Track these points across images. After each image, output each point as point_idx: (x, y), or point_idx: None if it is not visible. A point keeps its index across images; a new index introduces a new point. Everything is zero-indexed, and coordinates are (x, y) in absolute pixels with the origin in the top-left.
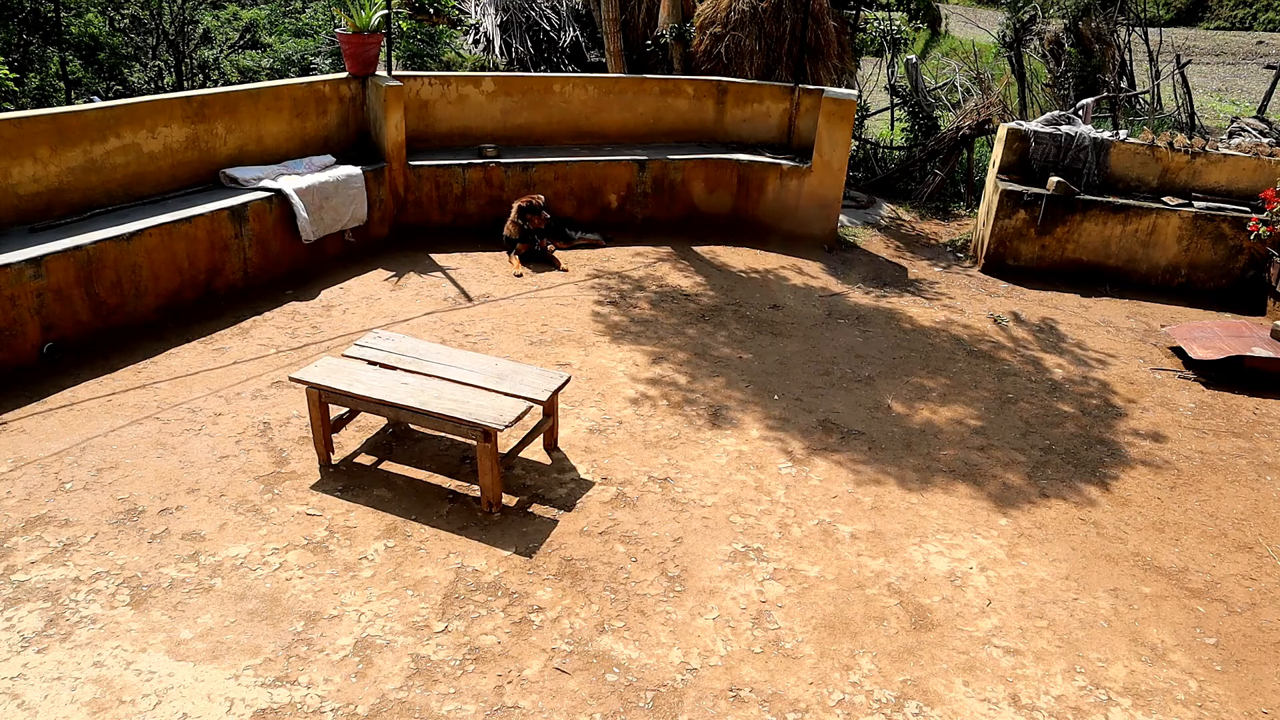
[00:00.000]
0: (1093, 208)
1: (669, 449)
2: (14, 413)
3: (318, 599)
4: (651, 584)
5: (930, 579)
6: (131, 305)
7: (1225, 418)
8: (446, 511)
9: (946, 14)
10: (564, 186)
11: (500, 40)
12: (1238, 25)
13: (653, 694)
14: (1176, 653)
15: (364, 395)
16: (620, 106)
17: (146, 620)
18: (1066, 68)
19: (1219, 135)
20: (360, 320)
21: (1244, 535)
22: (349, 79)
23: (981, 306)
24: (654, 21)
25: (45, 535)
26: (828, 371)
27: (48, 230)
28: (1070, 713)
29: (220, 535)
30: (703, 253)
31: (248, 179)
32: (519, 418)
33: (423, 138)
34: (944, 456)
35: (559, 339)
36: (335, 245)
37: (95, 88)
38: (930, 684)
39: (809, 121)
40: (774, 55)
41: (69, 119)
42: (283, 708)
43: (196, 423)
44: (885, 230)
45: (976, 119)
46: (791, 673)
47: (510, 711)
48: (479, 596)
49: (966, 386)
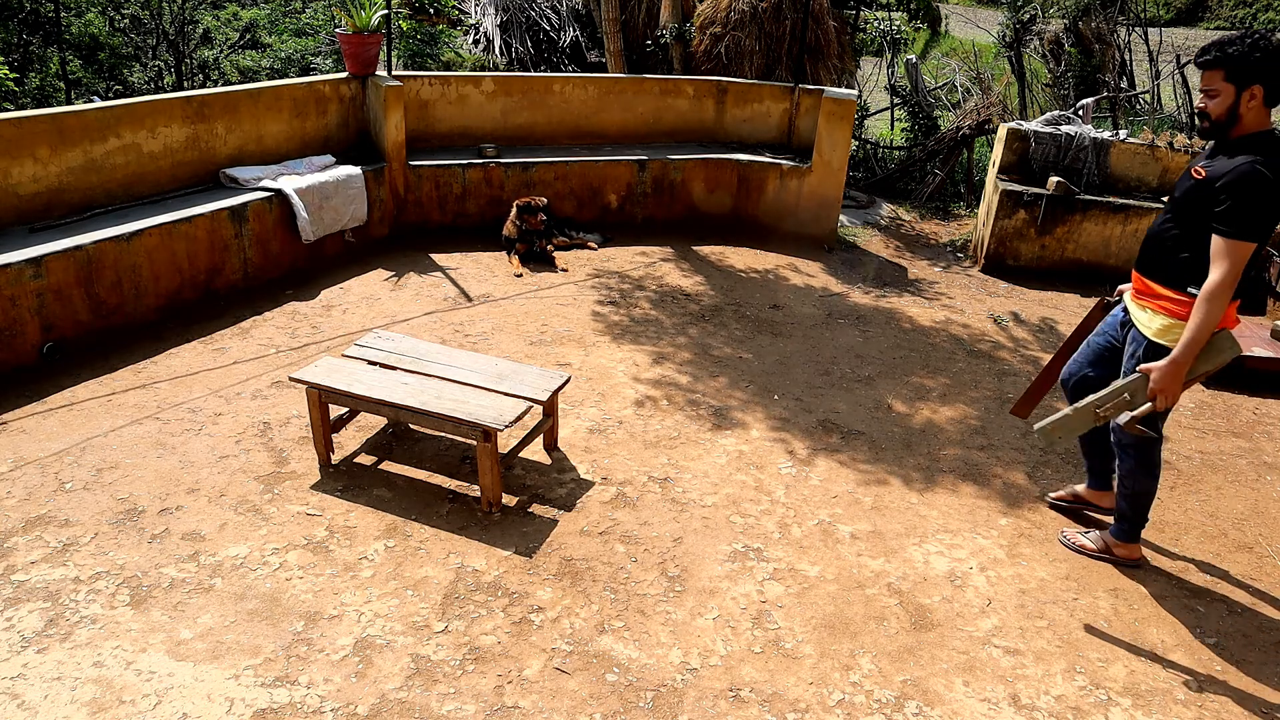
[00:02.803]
0: (1093, 208)
1: (669, 449)
2: (14, 413)
3: (318, 599)
4: (651, 584)
5: (930, 579)
6: (131, 305)
7: (1225, 418)
8: (446, 511)
9: (946, 14)
10: (564, 186)
11: (500, 40)
12: (1238, 25)
13: (653, 694)
14: (1176, 653)
15: (364, 395)
16: (620, 106)
17: (146, 620)
18: (1066, 68)
19: None
20: (360, 320)
21: (1244, 535)
22: (349, 79)
23: (981, 306)
24: (654, 21)
25: (45, 535)
26: (828, 371)
27: (48, 230)
28: (1070, 713)
29: (220, 535)
30: (703, 253)
31: (248, 179)
32: (519, 418)
33: (423, 138)
34: (944, 456)
35: (559, 339)
36: (335, 245)
37: (95, 88)
38: (930, 684)
39: (809, 121)
40: (774, 55)
41: (69, 119)
42: (283, 708)
43: (196, 423)
44: (885, 230)
45: (976, 119)
46: (791, 673)
47: (510, 711)
48: (479, 596)
49: (967, 386)
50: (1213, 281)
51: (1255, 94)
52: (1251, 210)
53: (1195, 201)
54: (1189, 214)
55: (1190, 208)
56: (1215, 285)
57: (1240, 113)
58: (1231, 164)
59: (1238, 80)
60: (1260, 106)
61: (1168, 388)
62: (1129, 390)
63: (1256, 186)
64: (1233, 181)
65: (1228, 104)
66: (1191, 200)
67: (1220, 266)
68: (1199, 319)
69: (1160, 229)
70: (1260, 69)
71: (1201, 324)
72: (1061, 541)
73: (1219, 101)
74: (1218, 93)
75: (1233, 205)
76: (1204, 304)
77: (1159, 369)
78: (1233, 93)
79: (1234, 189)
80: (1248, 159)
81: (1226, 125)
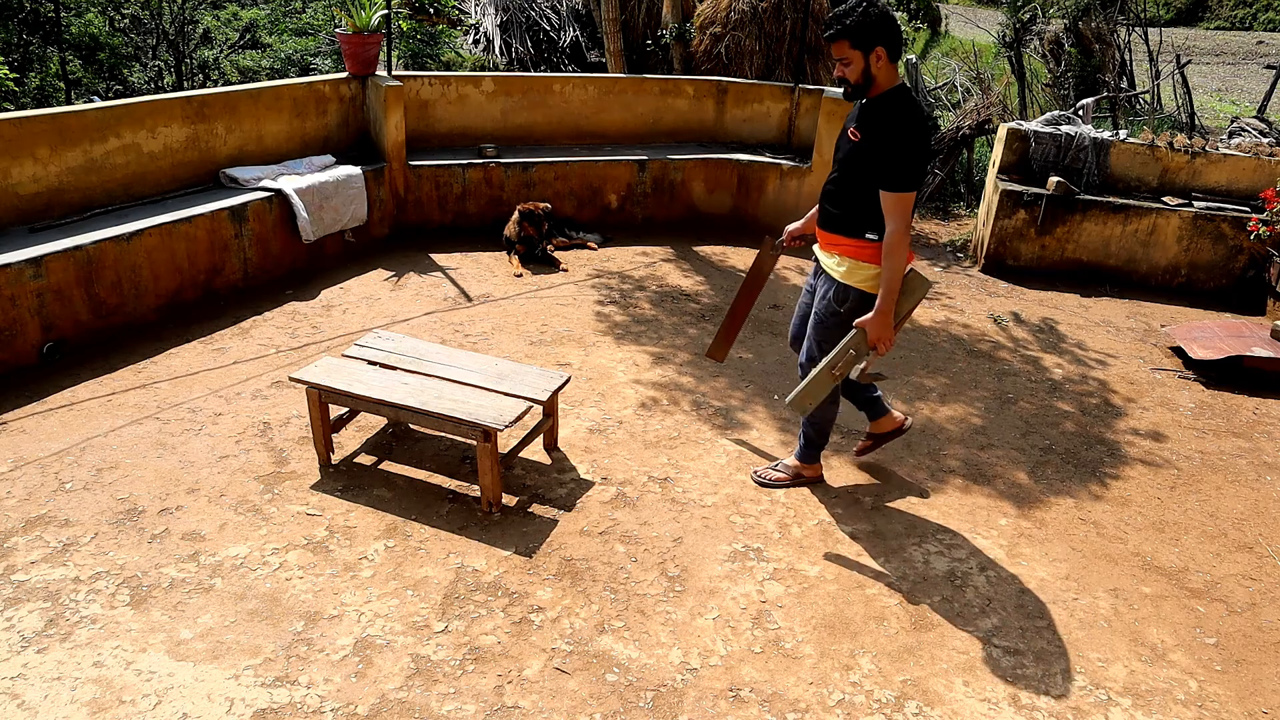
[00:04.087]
0: (1093, 208)
1: (669, 449)
2: (14, 413)
3: (318, 599)
4: (651, 584)
5: (930, 579)
6: (131, 305)
7: (1225, 418)
8: (446, 511)
9: (946, 14)
10: (564, 186)
11: (500, 40)
12: (1238, 25)
13: (653, 694)
14: (1176, 653)
15: (364, 395)
16: (620, 106)
17: (146, 620)
18: (1066, 68)
19: (1219, 135)
20: (360, 320)
21: (1244, 535)
22: (349, 79)
23: (981, 306)
24: (654, 21)
25: (45, 535)
26: None
27: (48, 230)
28: (1070, 713)
29: (220, 535)
30: (703, 253)
31: (248, 179)
32: (519, 418)
33: (423, 138)
34: (944, 456)
35: (559, 339)
36: (335, 245)
37: (95, 88)
38: (930, 684)
39: (809, 121)
40: (774, 55)
41: (69, 119)
42: (283, 708)
43: (196, 423)
44: None
45: (976, 119)
46: (791, 673)
47: (510, 711)
48: (479, 596)
49: (966, 386)
50: (891, 233)
51: (880, 54)
52: (907, 166)
53: (857, 161)
54: (853, 172)
55: (853, 167)
56: (893, 236)
57: (873, 74)
58: (881, 127)
59: (863, 45)
60: (887, 64)
61: (882, 334)
62: (852, 345)
63: (905, 144)
64: (886, 145)
65: (860, 68)
66: (854, 161)
67: (894, 219)
68: (889, 269)
69: (832, 188)
70: (878, 30)
71: (892, 273)
72: (754, 480)
73: (853, 68)
74: (849, 60)
75: (892, 165)
76: (889, 256)
77: (870, 321)
78: (861, 57)
79: (889, 151)
80: (892, 120)
81: (865, 87)
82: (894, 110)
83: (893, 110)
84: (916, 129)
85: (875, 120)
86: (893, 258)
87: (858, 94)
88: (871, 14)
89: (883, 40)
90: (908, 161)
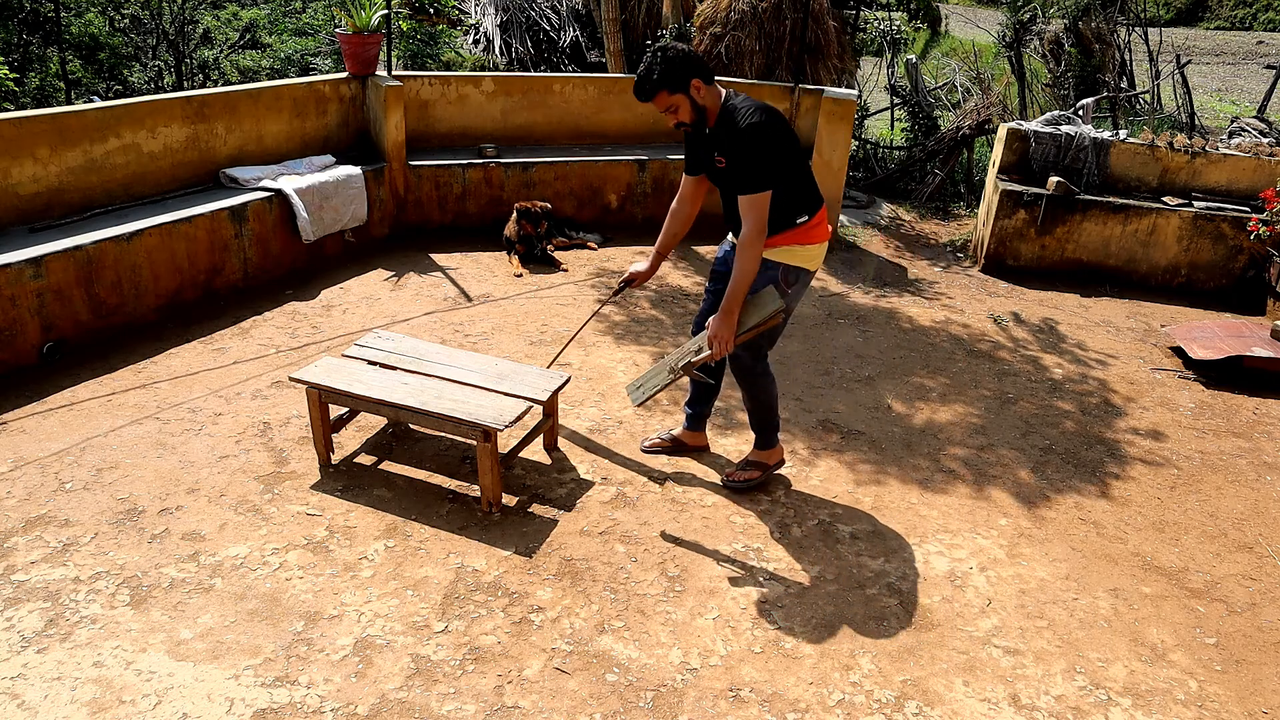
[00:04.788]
0: (1093, 208)
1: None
2: (14, 413)
3: (318, 599)
4: (651, 584)
5: (930, 579)
6: (131, 305)
7: (1225, 418)
8: (446, 511)
9: (946, 14)
10: (564, 186)
11: (500, 40)
12: (1238, 25)
13: (653, 694)
14: (1176, 653)
15: (364, 395)
16: (620, 106)
17: (146, 620)
18: (1066, 68)
19: (1219, 135)
20: (360, 320)
21: (1244, 535)
22: (349, 79)
23: (981, 306)
24: (654, 21)
25: (45, 535)
26: (828, 371)
27: (48, 230)
28: (1070, 713)
29: (220, 535)
30: (703, 253)
31: (248, 179)
32: (519, 418)
33: (423, 138)
34: (944, 456)
35: (559, 339)
36: (335, 245)
37: (95, 88)
38: (930, 684)
39: (809, 121)
40: (774, 55)
41: (69, 119)
42: (283, 708)
43: (196, 423)
44: (885, 230)
45: (976, 119)
46: (791, 673)
47: (510, 711)
48: (479, 596)
49: (966, 386)
50: (745, 233)
51: (698, 85)
52: (754, 168)
53: (730, 180)
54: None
55: (730, 185)
56: (747, 236)
57: (701, 104)
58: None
59: (679, 87)
60: (708, 89)
61: (719, 334)
62: (699, 344)
63: (748, 150)
64: (737, 156)
65: (688, 106)
66: (728, 180)
67: (748, 219)
68: (738, 269)
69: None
70: (683, 68)
71: (740, 273)
72: (726, 485)
73: (682, 110)
74: (676, 105)
75: (743, 172)
76: (740, 254)
77: (713, 320)
78: (684, 98)
79: (738, 160)
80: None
81: (702, 121)
82: (732, 125)
83: (731, 125)
84: (757, 131)
85: (724, 141)
86: (742, 257)
87: (700, 127)
88: (670, 58)
89: (692, 73)
90: (754, 164)
